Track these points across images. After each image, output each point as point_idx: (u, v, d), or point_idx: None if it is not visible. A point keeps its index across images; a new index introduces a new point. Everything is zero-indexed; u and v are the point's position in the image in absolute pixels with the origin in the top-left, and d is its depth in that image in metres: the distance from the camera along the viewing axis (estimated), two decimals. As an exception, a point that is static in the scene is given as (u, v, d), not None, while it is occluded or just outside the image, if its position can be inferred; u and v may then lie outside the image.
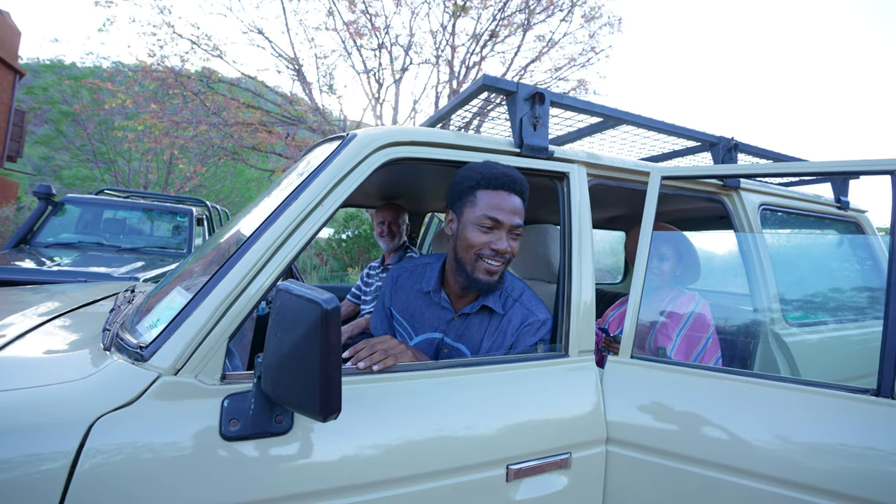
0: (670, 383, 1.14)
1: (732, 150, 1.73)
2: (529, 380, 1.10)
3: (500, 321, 1.23)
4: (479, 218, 1.13)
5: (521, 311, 1.23)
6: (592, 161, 1.37)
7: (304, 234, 0.97)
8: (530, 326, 1.21)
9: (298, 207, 0.97)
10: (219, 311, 0.86)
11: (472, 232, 1.15)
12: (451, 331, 1.25)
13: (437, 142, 1.14)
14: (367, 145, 1.07)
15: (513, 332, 1.20)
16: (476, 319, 1.24)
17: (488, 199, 1.14)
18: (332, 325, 0.70)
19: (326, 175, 1.02)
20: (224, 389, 0.84)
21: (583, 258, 1.27)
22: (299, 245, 0.96)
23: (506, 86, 1.25)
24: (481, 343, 1.22)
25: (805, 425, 1.01)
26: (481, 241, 1.14)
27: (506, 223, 1.14)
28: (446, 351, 1.25)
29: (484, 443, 1.00)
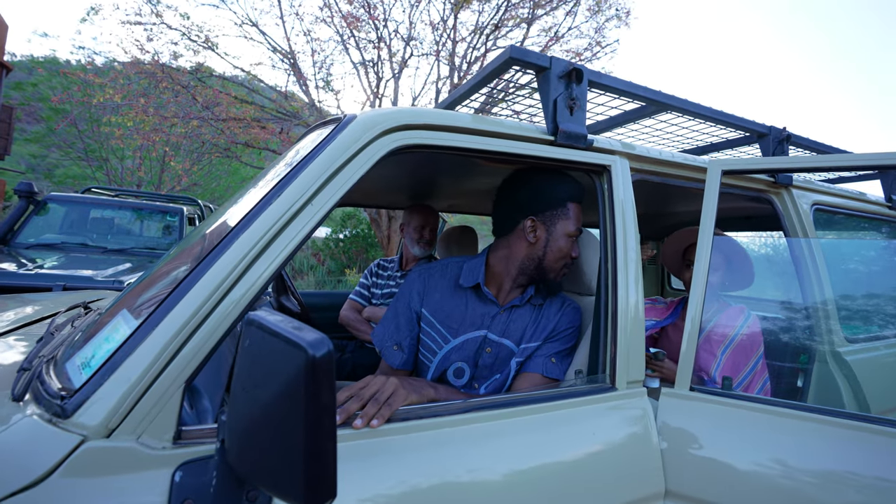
0: (742, 423, 0.92)
1: (784, 142, 1.52)
2: (569, 424, 0.88)
3: (541, 310, 1.21)
4: (573, 231, 1.17)
5: (558, 298, 1.25)
6: (636, 153, 1.16)
7: (289, 240, 0.75)
8: (571, 307, 1.22)
9: (281, 207, 0.75)
10: (173, 344, 0.64)
11: (566, 243, 1.17)
12: (496, 325, 1.18)
13: (456, 125, 0.93)
14: (370, 129, 0.85)
15: (553, 315, 1.20)
16: (521, 311, 1.20)
17: (577, 213, 1.18)
18: (323, 378, 0.48)
19: (317, 166, 0.80)
20: (177, 456, 0.62)
21: (629, 268, 1.05)
22: (284, 254, 0.74)
23: (537, 60, 1.03)
24: (524, 333, 1.18)
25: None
26: (569, 251, 1.18)
27: (578, 230, 1.19)
28: (489, 350, 1.16)
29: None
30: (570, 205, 1.16)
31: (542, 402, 0.89)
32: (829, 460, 0.87)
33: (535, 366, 1.12)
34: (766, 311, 1.92)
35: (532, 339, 1.16)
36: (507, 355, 1.15)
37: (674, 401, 0.97)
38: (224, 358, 1.21)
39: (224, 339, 0.69)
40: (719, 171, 1.09)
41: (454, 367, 1.15)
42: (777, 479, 0.88)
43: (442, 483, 0.74)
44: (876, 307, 1.66)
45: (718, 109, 1.38)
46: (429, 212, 2.24)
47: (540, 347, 1.15)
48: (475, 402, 0.85)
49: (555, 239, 1.16)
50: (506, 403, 0.86)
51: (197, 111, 6.42)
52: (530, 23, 7.35)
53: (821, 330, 1.48)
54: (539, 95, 1.08)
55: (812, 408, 0.92)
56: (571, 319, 1.21)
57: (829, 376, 1.45)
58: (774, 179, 1.47)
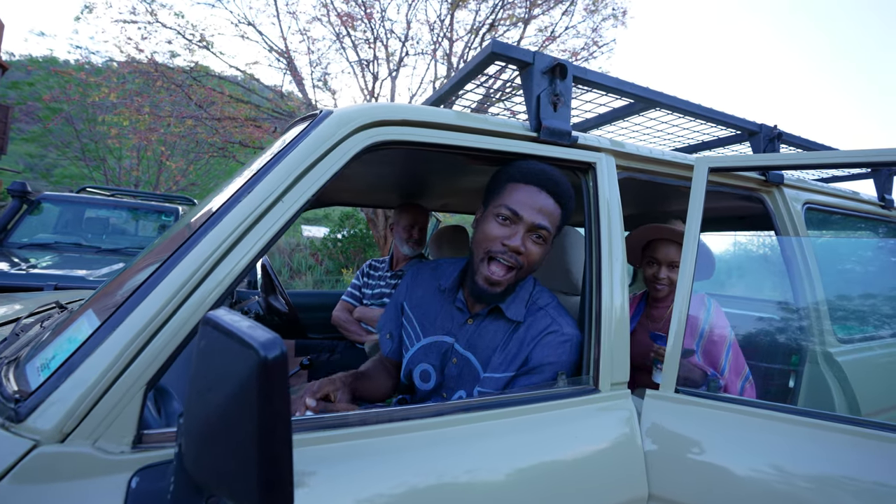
0: (729, 425, 0.91)
1: (775, 140, 1.50)
2: (550, 427, 0.86)
3: (517, 330, 1.04)
4: (497, 208, 1.00)
5: (544, 319, 1.04)
6: (622, 150, 1.14)
7: (258, 238, 0.73)
8: (553, 336, 1.01)
9: (250, 205, 0.73)
10: (134, 345, 0.62)
11: (488, 223, 1.01)
12: (463, 336, 1.08)
13: (434, 122, 0.91)
14: (345, 124, 0.83)
15: (530, 340, 1.01)
16: (491, 326, 1.06)
17: (515, 191, 1.00)
18: (276, 380, 0.46)
19: (289, 163, 0.78)
20: (135, 461, 0.59)
21: (614, 267, 1.03)
22: (253, 252, 0.72)
23: (520, 55, 1.01)
24: (493, 355, 1.03)
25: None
26: (494, 234, 0.99)
27: (526, 219, 0.98)
28: (454, 361, 1.06)
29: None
30: (509, 184, 1.01)
31: (521, 404, 0.87)
32: (818, 464, 0.85)
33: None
34: (756, 311, 1.90)
35: (500, 368, 1.00)
36: (471, 374, 1.04)
37: (659, 402, 0.96)
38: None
39: (190, 340, 0.67)
40: (706, 169, 1.07)
41: (420, 369, 1.09)
42: (765, 484, 0.86)
43: (415, 489, 0.72)
44: (868, 307, 1.64)
45: (707, 106, 1.36)
46: (418, 210, 2.22)
47: (511, 381, 0.99)
48: (450, 406, 0.83)
49: (481, 222, 1.03)
50: (482, 406, 0.84)
51: (192, 110, 6.38)
52: (527, 22, 7.34)
53: (812, 330, 1.46)
54: (523, 91, 1.06)
55: (801, 411, 0.90)
56: (548, 353, 0.98)
57: (819, 377, 1.43)
58: (765, 178, 1.45)
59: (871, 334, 1.60)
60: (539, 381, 0.98)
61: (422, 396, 1.14)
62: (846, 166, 1.08)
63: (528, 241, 0.99)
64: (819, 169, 1.21)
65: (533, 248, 1.00)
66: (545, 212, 0.99)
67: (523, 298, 1.07)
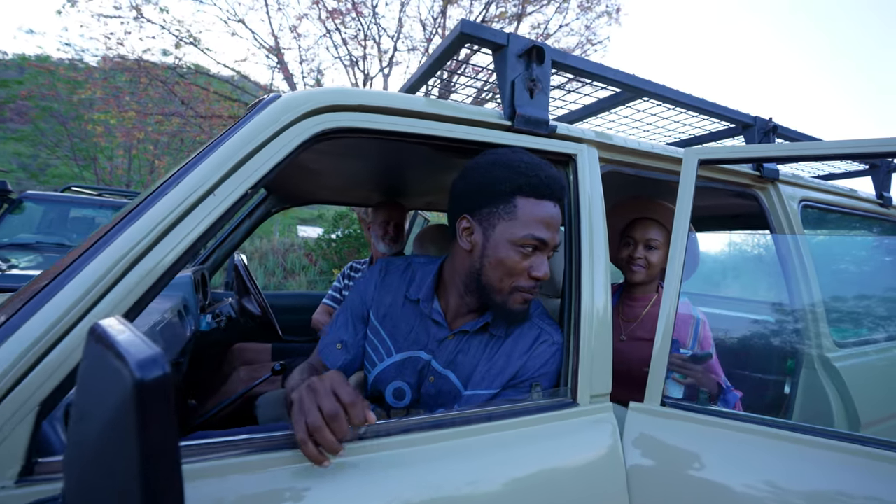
0: (718, 441, 0.82)
1: (770, 134, 1.43)
2: (521, 445, 0.78)
3: (503, 344, 0.94)
4: (521, 238, 0.85)
5: (532, 329, 0.95)
6: (606, 141, 1.06)
7: (184, 236, 0.64)
8: (545, 346, 0.92)
9: (175, 199, 0.64)
10: (24, 360, 0.53)
11: (509, 253, 0.87)
12: (442, 353, 0.95)
13: (395, 108, 0.82)
14: (289, 110, 0.74)
15: (521, 353, 0.92)
16: (474, 340, 0.95)
17: (533, 211, 0.86)
18: (153, 406, 0.37)
19: (225, 151, 0.69)
20: (20, 496, 0.51)
21: (595, 268, 0.95)
22: (177, 252, 0.63)
23: (492, 36, 0.92)
24: (475, 371, 0.92)
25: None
26: (521, 267, 0.87)
27: (550, 244, 0.88)
28: (432, 379, 0.94)
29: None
30: (519, 199, 0.85)
31: (490, 420, 0.78)
32: (811, 481, 0.78)
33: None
34: (750, 313, 1.82)
35: (483, 384, 0.90)
36: (451, 392, 0.92)
37: (643, 417, 0.87)
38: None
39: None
40: (696, 161, 0.99)
41: (394, 387, 0.96)
42: (756, 502, 0.78)
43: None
44: (867, 309, 1.56)
45: (698, 97, 1.28)
46: (393, 206, 2.15)
47: (495, 397, 0.89)
48: (412, 422, 0.74)
49: (493, 246, 0.87)
50: (447, 423, 0.76)
51: (176, 107, 6.26)
52: (520, 19, 7.26)
53: (808, 333, 1.39)
54: (496, 77, 0.97)
55: (794, 426, 0.82)
56: (545, 363, 0.91)
57: (816, 383, 1.36)
58: (760, 173, 1.38)
59: (869, 338, 1.52)
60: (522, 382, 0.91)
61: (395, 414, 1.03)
62: (844, 157, 1.00)
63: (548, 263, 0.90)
64: (816, 160, 1.13)
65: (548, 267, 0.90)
66: (559, 226, 0.91)
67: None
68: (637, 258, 1.41)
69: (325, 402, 0.63)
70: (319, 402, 0.64)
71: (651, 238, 1.40)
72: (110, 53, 6.21)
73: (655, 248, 1.41)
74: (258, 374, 1.84)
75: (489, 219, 0.88)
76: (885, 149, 0.89)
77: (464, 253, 0.92)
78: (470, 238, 0.90)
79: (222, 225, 0.68)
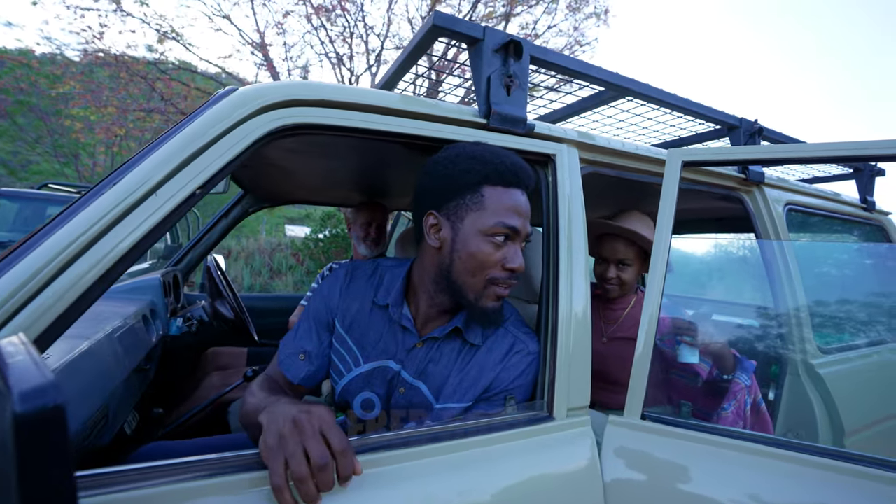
0: (702, 458, 0.78)
1: (756, 136, 1.40)
2: (493, 463, 0.73)
3: (476, 354, 0.89)
4: (492, 227, 0.81)
5: (505, 338, 0.90)
6: (587, 141, 1.01)
7: (121, 240, 0.58)
8: (519, 356, 0.87)
9: (112, 199, 0.59)
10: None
11: (480, 245, 0.82)
12: (412, 362, 0.89)
13: (359, 103, 0.77)
14: (243, 105, 0.69)
15: (494, 364, 0.87)
16: (446, 348, 0.89)
17: (501, 199, 0.82)
18: (38, 445, 0.32)
19: (173, 146, 0.64)
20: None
21: (574, 273, 0.91)
22: (112, 257, 0.57)
23: (467, 29, 0.88)
24: (446, 382, 0.87)
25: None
26: (494, 258, 0.82)
27: (522, 232, 0.84)
28: (402, 390, 0.88)
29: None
30: (486, 189, 0.81)
31: (460, 437, 0.73)
32: (795, 499, 0.74)
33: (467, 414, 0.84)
34: (731, 318, 1.80)
35: (455, 397, 0.85)
36: (421, 404, 0.87)
37: (622, 431, 0.83)
38: (110, 377, 1.03)
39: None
40: (679, 162, 0.95)
41: (362, 398, 0.90)
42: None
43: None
44: (851, 315, 1.55)
45: (683, 97, 1.25)
46: (375, 207, 2.09)
47: (467, 410, 0.85)
48: (371, 441, 0.69)
49: (463, 240, 0.82)
50: (414, 441, 0.71)
51: (156, 103, 6.12)
52: (507, 19, 7.24)
53: (792, 339, 1.36)
54: (472, 73, 0.93)
55: (780, 441, 0.78)
56: (520, 374, 0.86)
57: (800, 390, 1.33)
58: (745, 176, 1.35)
59: (853, 343, 1.51)
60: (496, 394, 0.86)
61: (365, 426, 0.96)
62: (830, 160, 0.97)
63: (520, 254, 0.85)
64: (802, 163, 1.11)
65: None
66: (530, 215, 0.87)
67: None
68: (609, 277, 1.40)
69: (313, 448, 0.55)
70: (307, 445, 0.56)
71: (622, 258, 1.39)
72: (89, 48, 6.05)
73: (628, 265, 1.40)
74: (231, 380, 1.78)
75: (457, 212, 0.83)
76: (871, 152, 0.86)
77: (432, 251, 0.87)
78: (438, 235, 0.85)
79: (166, 229, 0.63)
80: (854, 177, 1.89)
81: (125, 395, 1.17)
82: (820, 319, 1.43)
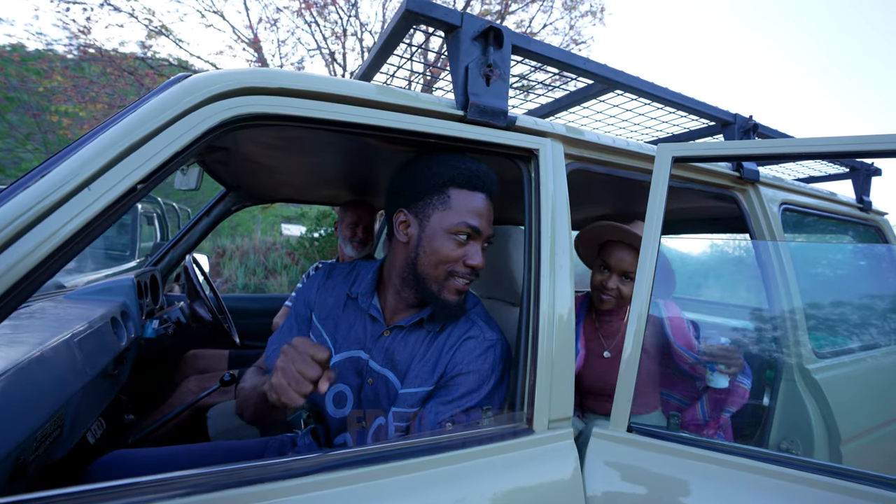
0: (693, 474, 0.73)
1: (750, 133, 1.35)
2: (466, 482, 0.67)
3: (436, 339, 0.93)
4: (455, 226, 0.87)
5: (464, 324, 0.94)
6: (573, 136, 0.96)
7: (45, 238, 0.52)
8: (473, 342, 0.89)
9: (38, 192, 0.53)
10: None
11: (443, 242, 0.88)
12: (379, 351, 0.94)
13: (325, 92, 0.71)
14: (193, 92, 0.63)
15: (449, 348, 0.91)
16: (411, 337, 0.94)
17: (466, 201, 0.89)
18: None
19: (112, 136, 0.58)
20: None
21: (557, 275, 0.86)
22: (34, 258, 0.51)
23: (444, 16, 0.82)
24: (410, 367, 0.91)
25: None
26: (456, 255, 0.88)
27: (484, 233, 0.90)
28: (371, 381, 0.93)
29: None
30: (452, 191, 0.88)
31: (427, 453, 0.68)
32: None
33: (428, 416, 0.84)
34: (727, 319, 1.76)
35: (418, 381, 0.88)
36: (388, 394, 0.90)
37: (607, 444, 0.78)
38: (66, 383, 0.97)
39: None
40: (669, 158, 0.90)
41: (334, 392, 0.94)
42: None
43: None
44: (848, 318, 1.50)
45: (676, 91, 1.20)
46: (362, 207, 2.03)
47: (430, 398, 0.87)
48: (336, 457, 0.63)
49: (428, 237, 0.88)
50: (379, 457, 0.65)
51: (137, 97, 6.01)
52: (503, 17, 7.17)
53: (787, 343, 1.32)
54: (449, 62, 0.87)
55: (772, 457, 0.73)
56: (474, 359, 0.87)
57: (795, 396, 1.29)
58: (740, 174, 1.30)
59: (850, 347, 1.46)
60: (459, 394, 0.84)
61: (336, 426, 0.96)
62: (830, 156, 0.92)
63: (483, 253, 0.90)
64: (800, 159, 1.06)
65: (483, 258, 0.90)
66: (492, 218, 0.92)
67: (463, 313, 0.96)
68: (609, 288, 1.32)
69: (306, 370, 0.68)
70: (300, 368, 0.68)
71: (627, 270, 1.30)
72: (75, 42, 5.95)
73: (632, 278, 1.29)
74: (209, 384, 1.71)
75: (424, 210, 0.89)
76: (873, 146, 0.81)
77: (401, 246, 0.93)
78: (406, 231, 0.91)
79: (102, 229, 0.57)
80: (850, 176, 1.84)
81: (88, 403, 1.11)
82: (815, 322, 1.38)
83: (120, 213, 0.58)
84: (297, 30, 6.83)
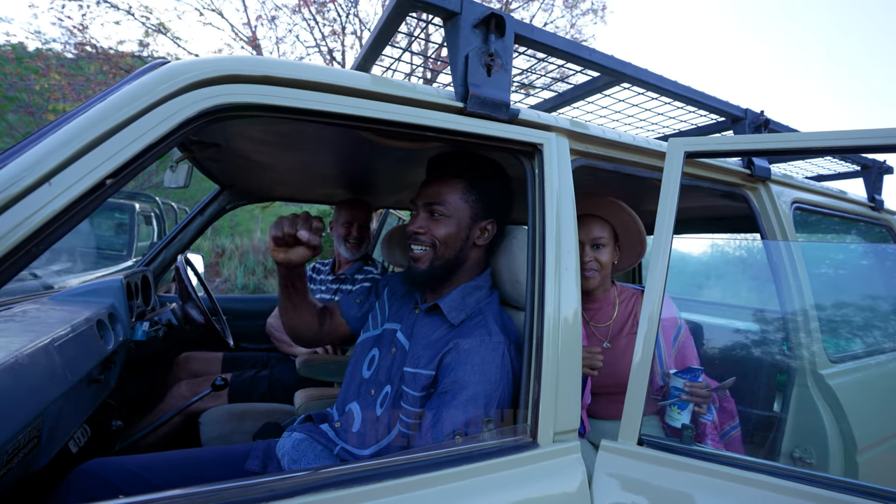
0: (706, 490, 0.68)
1: (761, 128, 1.30)
2: (465, 500, 0.62)
3: (450, 330, 0.94)
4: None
5: (476, 321, 0.93)
6: (579, 131, 0.91)
7: (2, 233, 0.47)
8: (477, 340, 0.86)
9: (3, 179, 0.48)
10: None
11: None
12: (408, 324, 1.04)
13: (313, 81, 0.66)
14: (172, 78, 0.58)
15: (452, 337, 0.91)
16: (431, 320, 0.99)
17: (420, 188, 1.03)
18: None
19: (78, 126, 0.53)
20: None
21: (562, 276, 0.80)
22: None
23: (443, 1, 0.77)
24: (420, 347, 0.96)
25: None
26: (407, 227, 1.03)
27: (420, 204, 1.00)
28: (394, 351, 1.01)
29: None
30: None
31: (426, 470, 0.63)
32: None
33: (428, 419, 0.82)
34: (736, 321, 1.71)
35: (421, 362, 0.91)
36: (401, 368, 0.95)
37: (617, 459, 0.73)
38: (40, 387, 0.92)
39: None
40: (682, 153, 0.85)
41: (371, 354, 1.05)
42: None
43: None
44: (863, 321, 1.45)
45: (685, 85, 1.14)
46: (357, 206, 1.98)
47: (432, 385, 0.88)
48: (326, 474, 0.58)
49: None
50: (373, 475, 0.60)
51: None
52: (504, 15, 7.10)
53: (800, 347, 1.27)
54: (448, 52, 0.82)
55: (798, 475, 0.68)
56: (456, 365, 0.84)
57: (808, 402, 1.23)
58: (751, 172, 1.25)
59: (865, 351, 1.41)
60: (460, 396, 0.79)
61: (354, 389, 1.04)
62: (854, 150, 0.86)
63: (428, 221, 0.98)
64: (819, 154, 1.01)
65: (434, 226, 0.97)
66: (441, 192, 0.97)
67: (468, 304, 0.96)
68: (587, 262, 1.28)
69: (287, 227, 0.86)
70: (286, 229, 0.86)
71: (596, 237, 1.28)
72: (72, 40, 5.90)
73: (603, 245, 1.29)
74: (201, 389, 1.67)
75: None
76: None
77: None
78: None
79: (66, 229, 0.52)
80: (861, 174, 1.79)
81: (70, 411, 1.06)
82: (829, 325, 1.33)
83: (87, 212, 0.53)
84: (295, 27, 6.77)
